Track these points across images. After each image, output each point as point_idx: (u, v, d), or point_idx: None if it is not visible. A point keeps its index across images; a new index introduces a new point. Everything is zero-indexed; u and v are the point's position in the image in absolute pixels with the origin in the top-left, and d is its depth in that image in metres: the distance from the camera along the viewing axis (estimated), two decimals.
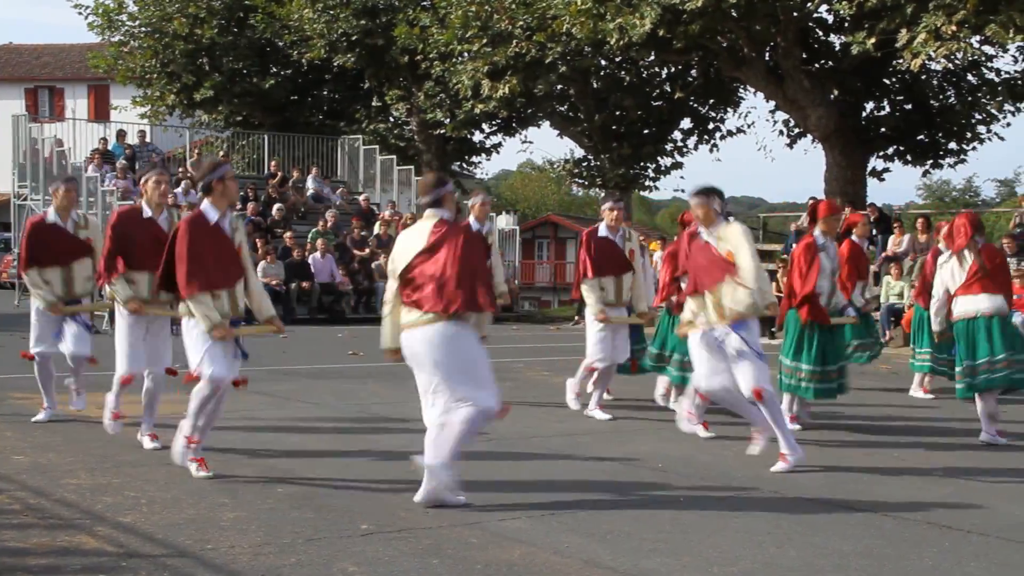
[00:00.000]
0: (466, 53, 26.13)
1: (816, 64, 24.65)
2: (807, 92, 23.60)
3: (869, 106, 26.00)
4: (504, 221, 29.55)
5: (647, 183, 30.39)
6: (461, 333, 5.94)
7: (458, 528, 5.57)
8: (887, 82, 25.38)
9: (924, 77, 24.06)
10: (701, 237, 7.33)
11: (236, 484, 6.42)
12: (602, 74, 28.43)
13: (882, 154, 26.20)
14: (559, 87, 27.49)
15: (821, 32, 25.32)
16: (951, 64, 22.64)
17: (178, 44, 31.05)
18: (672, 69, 28.35)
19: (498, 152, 48.21)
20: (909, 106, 25.64)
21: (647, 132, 29.08)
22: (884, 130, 25.43)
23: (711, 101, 29.26)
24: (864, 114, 25.81)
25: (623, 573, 4.91)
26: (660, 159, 29.96)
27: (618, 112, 28.82)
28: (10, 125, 26.14)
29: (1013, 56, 23.72)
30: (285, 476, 6.72)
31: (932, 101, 25.33)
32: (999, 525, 5.91)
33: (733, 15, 21.52)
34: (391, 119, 32.93)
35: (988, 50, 22.12)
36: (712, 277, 7.21)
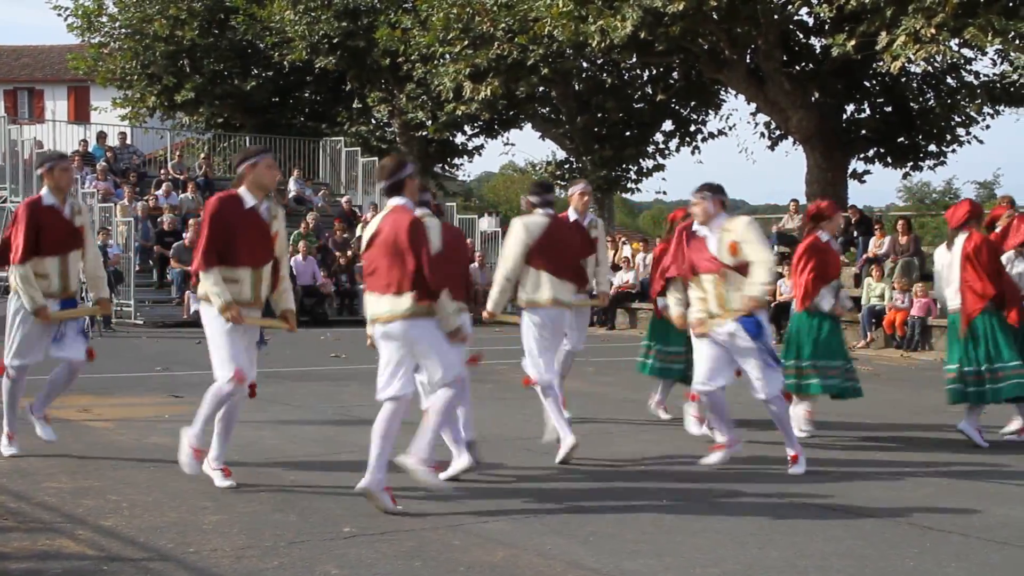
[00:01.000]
0: (448, 55, 26.12)
1: (797, 66, 24.73)
2: (788, 94, 23.68)
3: (850, 108, 26.10)
4: (486, 223, 29.49)
5: (629, 185, 30.36)
6: (419, 323, 5.90)
7: (441, 530, 5.57)
8: (867, 84, 25.51)
9: (904, 80, 24.16)
10: (697, 234, 7.32)
11: (218, 487, 6.39)
12: (584, 76, 28.44)
13: (862, 156, 26.31)
14: (541, 89, 27.48)
15: (802, 35, 25.43)
16: (930, 67, 22.75)
17: (159, 46, 30.91)
18: (654, 71, 28.39)
19: (480, 154, 48.05)
20: (889, 108, 25.76)
21: (629, 134, 29.07)
22: (864, 132, 25.55)
23: (692, 103, 29.28)
24: (845, 116, 25.91)
25: (606, 574, 4.92)
26: (642, 161, 29.95)
27: (600, 114, 28.80)
28: None
29: (992, 59, 23.86)
30: (267, 479, 6.71)
31: (912, 104, 25.47)
32: (980, 526, 5.95)
33: (714, 17, 21.57)
34: (373, 121, 32.88)
35: (967, 53, 22.21)
36: (706, 268, 7.19)
